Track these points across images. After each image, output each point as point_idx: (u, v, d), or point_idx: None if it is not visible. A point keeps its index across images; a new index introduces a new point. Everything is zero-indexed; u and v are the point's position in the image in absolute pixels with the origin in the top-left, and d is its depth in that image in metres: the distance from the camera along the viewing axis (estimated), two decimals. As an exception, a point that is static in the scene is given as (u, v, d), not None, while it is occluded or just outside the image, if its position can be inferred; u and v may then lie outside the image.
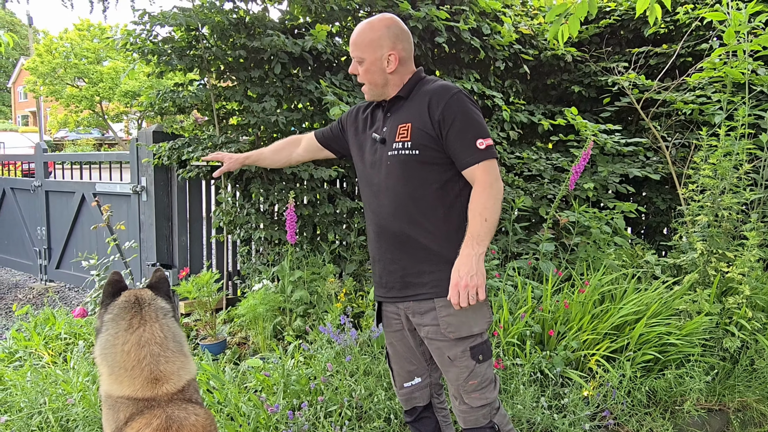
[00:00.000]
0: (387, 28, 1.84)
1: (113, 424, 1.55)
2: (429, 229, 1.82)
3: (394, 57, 1.83)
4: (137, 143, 4.46)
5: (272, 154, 2.33)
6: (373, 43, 1.83)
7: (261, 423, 2.40)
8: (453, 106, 1.76)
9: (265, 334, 3.45)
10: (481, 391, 1.84)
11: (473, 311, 1.79)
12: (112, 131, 26.59)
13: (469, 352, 1.81)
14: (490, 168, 1.75)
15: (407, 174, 1.81)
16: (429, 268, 1.82)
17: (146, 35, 3.86)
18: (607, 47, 5.22)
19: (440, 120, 1.76)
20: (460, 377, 1.83)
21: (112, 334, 1.59)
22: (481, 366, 1.83)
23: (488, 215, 1.71)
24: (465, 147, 1.75)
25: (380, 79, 1.86)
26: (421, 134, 1.79)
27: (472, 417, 1.87)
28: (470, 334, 1.80)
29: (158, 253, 4.34)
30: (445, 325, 1.79)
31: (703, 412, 2.83)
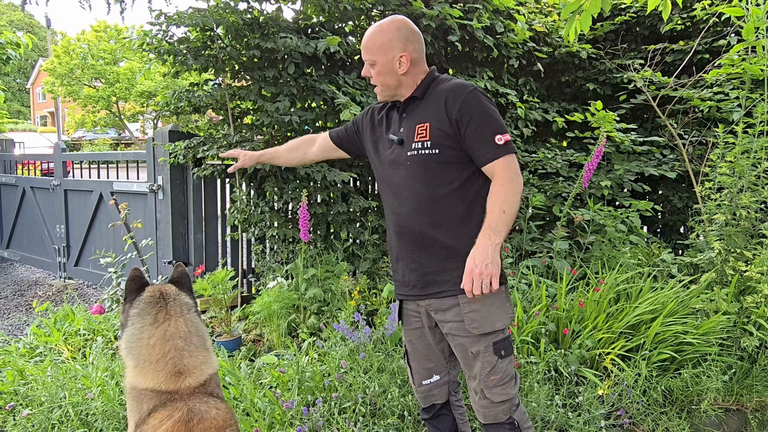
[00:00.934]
0: (397, 30, 1.86)
1: (137, 415, 1.58)
2: (450, 227, 1.83)
3: (406, 58, 1.85)
4: (153, 142, 4.51)
5: (287, 153, 2.35)
6: (384, 46, 1.86)
7: (276, 419, 2.42)
8: (469, 104, 1.78)
9: (280, 332, 3.48)
10: (503, 386, 1.85)
11: (496, 307, 1.81)
12: (128, 131, 26.91)
13: (492, 347, 1.82)
14: (509, 163, 1.76)
15: (427, 174, 1.83)
16: (451, 265, 1.82)
17: (162, 36, 3.91)
18: (623, 44, 5.17)
19: (458, 118, 1.78)
20: (482, 372, 1.84)
21: (138, 328, 1.62)
22: (503, 361, 1.84)
23: (507, 207, 1.73)
24: (484, 144, 1.77)
25: (393, 80, 1.88)
26: (439, 133, 1.80)
27: (492, 412, 1.87)
28: (493, 330, 1.81)
29: (174, 251, 4.40)
30: (468, 321, 1.81)
31: (720, 411, 2.80)
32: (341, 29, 4.51)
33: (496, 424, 1.88)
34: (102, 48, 23.27)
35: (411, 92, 1.89)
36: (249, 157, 2.36)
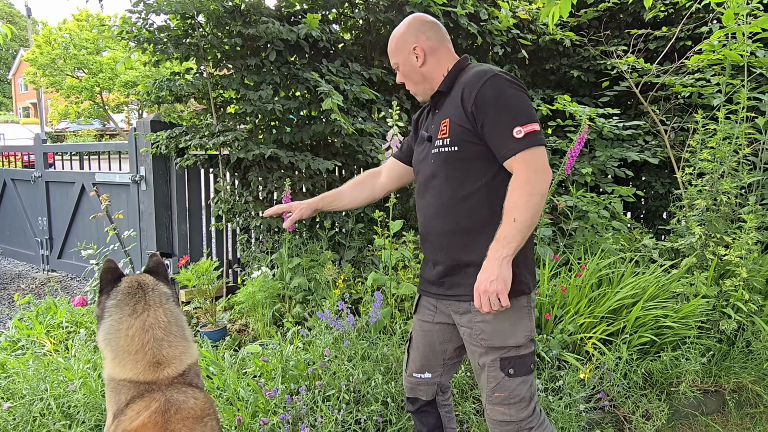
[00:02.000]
0: (407, 26, 1.84)
1: (115, 406, 1.58)
2: (472, 229, 1.72)
3: (420, 49, 1.81)
4: (135, 133, 4.46)
5: (351, 191, 2.14)
6: (399, 45, 1.85)
7: (260, 407, 2.43)
8: (485, 94, 1.63)
9: (265, 321, 3.48)
10: (507, 406, 1.74)
11: (510, 321, 1.70)
12: (113, 122, 26.58)
13: (499, 362, 1.71)
14: (529, 160, 1.59)
15: (449, 172, 1.74)
16: (471, 270, 1.70)
17: (142, 23, 3.85)
18: (606, 31, 5.18)
19: (473, 111, 1.65)
20: (487, 386, 1.77)
21: (116, 319, 1.61)
22: (510, 381, 1.72)
23: (518, 215, 1.57)
24: (500, 138, 1.62)
25: (416, 76, 1.84)
26: (458, 129, 1.70)
27: (495, 428, 1.79)
28: (504, 345, 1.70)
29: (158, 242, 4.37)
30: (478, 331, 1.73)
31: (699, 393, 2.85)
32: (325, 17, 4.47)
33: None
34: (84, 37, 22.87)
35: (438, 87, 1.81)
36: (306, 207, 2.09)
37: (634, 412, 2.68)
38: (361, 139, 4.09)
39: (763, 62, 3.80)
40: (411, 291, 3.15)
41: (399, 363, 2.71)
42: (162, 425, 1.50)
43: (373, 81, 4.36)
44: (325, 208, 2.14)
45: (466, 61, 1.82)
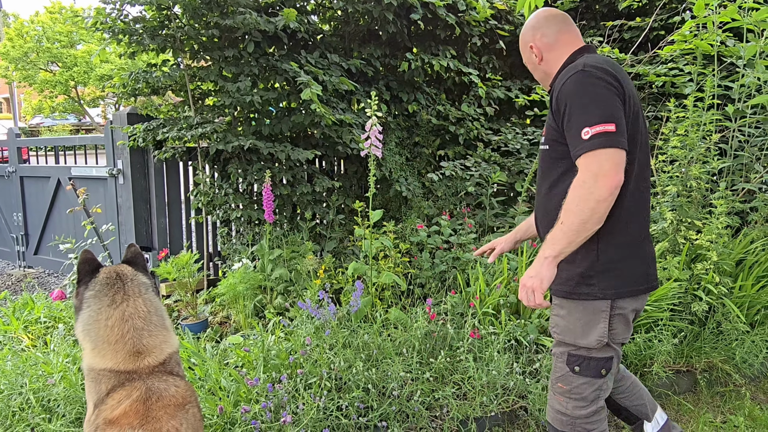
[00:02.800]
0: (527, 25, 1.89)
1: (95, 396, 1.58)
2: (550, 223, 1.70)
3: (536, 48, 1.85)
4: (112, 126, 4.41)
5: None
6: (522, 45, 1.91)
7: (241, 396, 2.44)
8: (565, 93, 1.63)
9: (246, 312, 3.48)
10: (567, 399, 1.77)
11: (583, 322, 1.70)
12: (89, 116, 26.10)
13: (566, 357, 1.75)
14: (589, 162, 1.54)
15: (544, 170, 1.81)
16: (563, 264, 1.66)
17: (117, 14, 3.80)
18: (582, 21, 5.25)
19: (556, 110, 1.67)
20: (553, 374, 1.82)
21: (95, 310, 1.61)
22: (574, 377, 1.74)
23: (566, 218, 1.56)
24: (572, 137, 1.60)
25: (538, 74, 1.90)
26: (549, 129, 1.74)
27: (551, 412, 1.85)
28: (573, 344, 1.73)
29: (137, 235, 4.33)
30: (552, 323, 1.79)
31: (671, 373, 2.93)
32: (303, 8, 4.46)
33: (552, 427, 1.85)
34: (58, 30, 22.36)
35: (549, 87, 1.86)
36: (506, 242, 2.17)
37: (610, 393, 2.76)
38: (340, 130, 4.10)
39: (733, 51, 3.89)
40: (391, 280, 3.18)
41: (380, 350, 2.74)
42: (143, 413, 1.50)
43: (352, 72, 4.37)
44: (523, 238, 2.18)
45: (578, 55, 1.78)
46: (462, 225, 3.87)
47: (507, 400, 2.62)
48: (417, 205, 4.28)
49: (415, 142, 4.73)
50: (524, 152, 4.60)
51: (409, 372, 2.64)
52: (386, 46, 4.58)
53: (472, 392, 2.61)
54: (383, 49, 4.55)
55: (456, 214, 4.28)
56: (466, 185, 4.23)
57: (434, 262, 3.59)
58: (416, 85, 4.69)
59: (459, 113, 4.70)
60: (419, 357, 2.75)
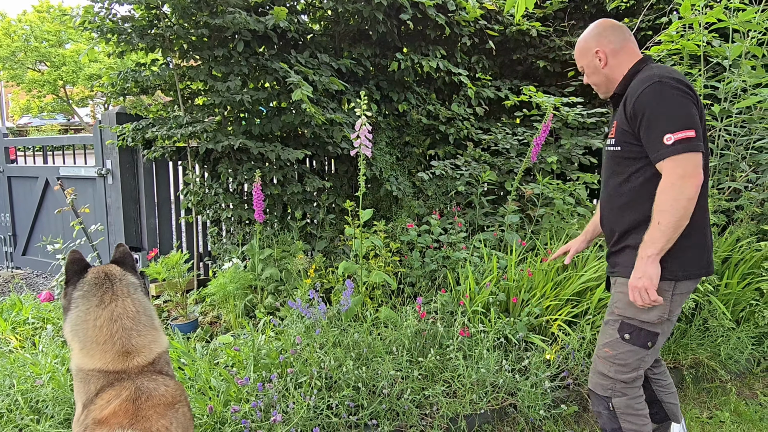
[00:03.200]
0: (590, 31, 2.03)
1: (84, 396, 1.58)
2: (629, 219, 1.93)
3: (602, 53, 1.98)
4: (100, 125, 4.39)
5: None
6: (583, 50, 2.03)
7: (231, 396, 2.44)
8: (643, 100, 1.79)
9: (237, 312, 3.48)
10: (610, 363, 1.96)
11: None
12: (77, 116, 25.87)
13: (619, 324, 1.94)
14: (675, 165, 1.72)
15: (613, 169, 1.98)
16: (629, 251, 1.93)
17: (105, 13, 3.78)
18: (571, 21, 5.29)
19: (632, 115, 1.83)
20: (601, 339, 2.02)
21: (84, 310, 1.61)
22: (622, 344, 1.93)
23: (662, 218, 1.74)
24: (653, 143, 1.77)
25: (599, 78, 2.02)
26: (621, 131, 1.90)
27: (593, 378, 2.04)
28: (633, 317, 1.91)
29: (126, 236, 4.31)
30: (614, 299, 1.98)
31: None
32: (293, 7, 4.46)
33: (595, 393, 2.04)
34: (46, 29, 22.15)
35: (615, 88, 1.99)
36: (580, 242, 2.39)
37: (598, 390, 2.78)
38: (331, 129, 4.11)
39: (719, 52, 3.93)
40: (381, 279, 3.19)
41: (370, 349, 2.75)
42: (133, 412, 1.50)
43: (343, 72, 4.37)
44: (593, 237, 2.39)
45: (642, 64, 1.95)
46: (452, 224, 3.89)
47: (496, 398, 2.64)
48: (407, 205, 4.30)
49: (406, 142, 4.74)
50: (513, 152, 4.62)
51: (399, 370, 2.66)
52: (376, 45, 4.59)
53: (462, 390, 2.62)
54: (373, 48, 4.56)
55: (446, 214, 4.30)
56: (456, 184, 4.25)
57: (424, 261, 3.60)
58: (406, 84, 4.70)
59: (449, 113, 4.72)
60: (409, 355, 2.76)
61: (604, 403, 2.01)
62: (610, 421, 2.00)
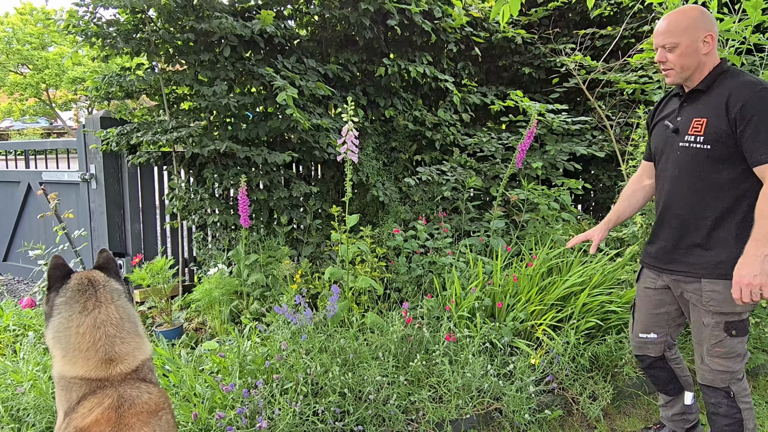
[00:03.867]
0: (702, 12, 1.97)
1: (66, 404, 1.56)
2: (705, 219, 1.99)
3: (711, 38, 1.95)
4: (84, 130, 4.34)
5: (629, 201, 2.40)
6: (690, 27, 1.96)
7: (217, 402, 2.43)
8: (753, 104, 1.83)
9: (222, 318, 3.46)
10: (726, 359, 2.06)
11: None
12: (60, 120, 25.58)
13: (723, 325, 2.02)
14: None
15: (696, 167, 1.97)
16: (698, 252, 2.02)
17: (90, 17, 3.76)
18: (555, 29, 5.35)
19: (737, 117, 1.86)
20: (708, 341, 2.06)
21: (66, 317, 1.59)
22: (731, 339, 2.04)
23: None
24: (759, 145, 1.83)
25: (694, 62, 1.97)
26: (716, 131, 1.91)
27: (709, 376, 2.11)
28: (731, 311, 2.00)
29: (110, 241, 4.27)
30: (707, 299, 2.02)
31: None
32: (280, 12, 4.46)
33: (712, 387, 2.12)
34: (28, 32, 21.90)
35: (696, 83, 2.00)
36: (601, 230, 2.38)
37: (582, 394, 2.81)
38: (317, 134, 4.11)
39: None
40: (368, 284, 3.20)
41: (356, 355, 2.75)
42: (116, 421, 1.49)
43: (329, 77, 4.38)
44: (614, 225, 2.43)
45: (725, 64, 1.99)
46: (438, 229, 3.91)
47: (482, 403, 2.65)
48: (394, 210, 4.31)
49: (392, 147, 4.76)
50: (499, 157, 4.66)
51: (386, 376, 2.66)
52: (363, 51, 4.61)
53: (448, 395, 2.63)
54: (360, 54, 4.58)
55: (432, 219, 4.32)
56: (442, 190, 4.28)
57: (411, 266, 3.62)
58: (393, 90, 4.73)
59: (435, 119, 4.75)
60: (395, 361, 2.77)
61: (724, 392, 2.11)
62: (730, 408, 2.11)
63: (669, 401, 2.47)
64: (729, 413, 2.11)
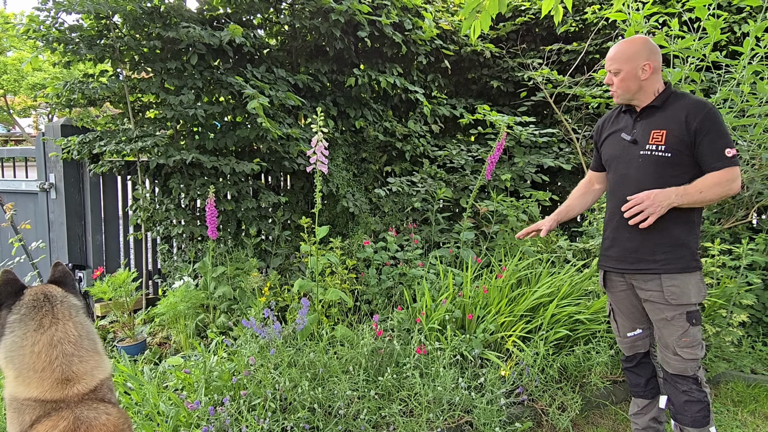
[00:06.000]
0: (644, 43, 2.23)
1: (18, 427, 1.47)
2: (669, 216, 2.16)
3: (649, 66, 2.20)
4: (44, 138, 4.20)
5: (580, 200, 2.67)
6: (632, 56, 2.21)
7: (181, 421, 2.35)
8: (709, 119, 2.13)
9: (187, 332, 3.37)
10: (692, 348, 2.24)
11: (692, 285, 2.21)
12: (19, 127, 24.73)
13: (686, 315, 2.22)
14: (731, 172, 2.10)
15: (657, 172, 2.18)
16: (662, 249, 2.22)
17: (51, 22, 3.64)
18: (523, 44, 5.45)
19: (696, 129, 2.13)
20: (674, 334, 2.24)
21: (20, 335, 1.51)
22: (693, 328, 2.23)
23: (707, 191, 2.09)
24: (715, 154, 2.11)
25: (633, 85, 2.23)
26: (675, 140, 2.16)
27: (681, 366, 2.27)
28: (689, 302, 2.21)
29: (70, 253, 4.12)
30: (668, 293, 2.22)
31: (608, 383, 3.04)
32: (249, 21, 4.42)
33: (684, 376, 2.28)
34: (-14, 35, 21.16)
35: (650, 101, 2.24)
36: (551, 220, 2.57)
37: (551, 405, 2.83)
38: (287, 144, 4.07)
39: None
40: (337, 296, 3.16)
41: (326, 369, 2.71)
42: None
43: (300, 87, 4.35)
44: (562, 220, 2.63)
45: (671, 88, 2.26)
46: (408, 241, 3.90)
47: (453, 416, 2.64)
48: (364, 221, 4.29)
49: (362, 158, 4.75)
50: (468, 168, 4.70)
51: (356, 390, 2.62)
52: (333, 62, 4.60)
53: (419, 408, 2.61)
54: (330, 64, 4.56)
55: (402, 230, 4.32)
56: (412, 201, 4.28)
57: (381, 278, 3.59)
58: (363, 101, 4.73)
59: (405, 130, 4.76)
60: (366, 374, 2.73)
61: (693, 379, 2.27)
62: (699, 392, 2.28)
63: (645, 406, 2.53)
64: (700, 398, 2.28)
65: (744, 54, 3.42)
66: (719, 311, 3.42)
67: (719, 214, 3.99)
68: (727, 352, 3.43)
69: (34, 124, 26.70)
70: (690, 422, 2.28)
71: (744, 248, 3.45)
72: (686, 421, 2.29)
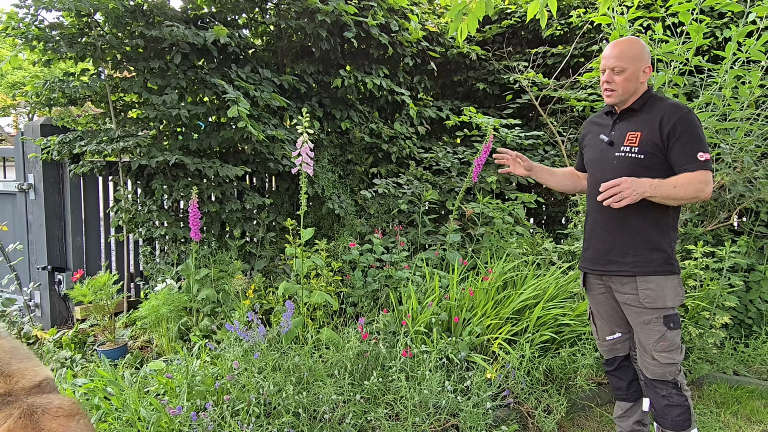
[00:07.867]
0: (644, 48, 2.23)
1: None
2: (641, 218, 2.19)
3: (649, 69, 2.21)
4: (23, 137, 4.11)
5: (563, 176, 2.63)
6: (637, 57, 2.20)
7: (163, 427, 2.30)
8: (683, 123, 2.12)
9: (170, 336, 3.31)
10: (670, 352, 2.23)
11: (669, 289, 2.20)
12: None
13: (663, 319, 2.21)
14: (704, 175, 2.10)
15: (630, 173, 2.14)
16: (633, 251, 2.21)
17: (31, 20, 3.57)
18: (509, 47, 5.47)
19: (669, 133, 2.13)
20: (652, 338, 2.23)
21: None
22: (671, 332, 2.22)
23: (680, 189, 2.08)
24: (687, 157, 2.11)
25: (632, 86, 2.21)
26: (649, 143, 2.16)
27: (659, 371, 2.26)
28: (664, 306, 2.19)
29: (50, 255, 4.04)
30: (643, 297, 2.20)
31: (594, 386, 3.05)
32: (234, 21, 4.38)
33: (662, 381, 2.27)
34: (-36, 33, 20.77)
35: (630, 103, 2.24)
36: (525, 163, 2.52)
37: (537, 408, 2.82)
38: (272, 146, 4.03)
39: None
40: (323, 299, 3.13)
41: (311, 372, 2.68)
42: (32, 427, 1.44)
43: (285, 88, 4.32)
44: (537, 175, 2.57)
45: (652, 90, 2.27)
46: (394, 243, 3.89)
47: (439, 419, 2.62)
48: (349, 223, 4.26)
49: (348, 160, 4.72)
50: (454, 171, 4.70)
51: (341, 394, 2.59)
52: (319, 62, 4.57)
53: (405, 412, 2.59)
54: (316, 65, 4.53)
55: (388, 232, 4.30)
56: (398, 203, 4.26)
57: (366, 280, 3.57)
58: (349, 102, 4.70)
59: (391, 131, 4.74)
60: (351, 378, 2.70)
61: (672, 384, 2.27)
62: (680, 397, 2.28)
63: (629, 409, 2.53)
64: (680, 402, 2.28)
65: (726, 59, 3.46)
66: (702, 313, 3.45)
67: (702, 216, 4.04)
68: (710, 354, 3.46)
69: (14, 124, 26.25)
70: (671, 426, 2.28)
71: (726, 250, 3.49)
72: (667, 425, 2.29)
